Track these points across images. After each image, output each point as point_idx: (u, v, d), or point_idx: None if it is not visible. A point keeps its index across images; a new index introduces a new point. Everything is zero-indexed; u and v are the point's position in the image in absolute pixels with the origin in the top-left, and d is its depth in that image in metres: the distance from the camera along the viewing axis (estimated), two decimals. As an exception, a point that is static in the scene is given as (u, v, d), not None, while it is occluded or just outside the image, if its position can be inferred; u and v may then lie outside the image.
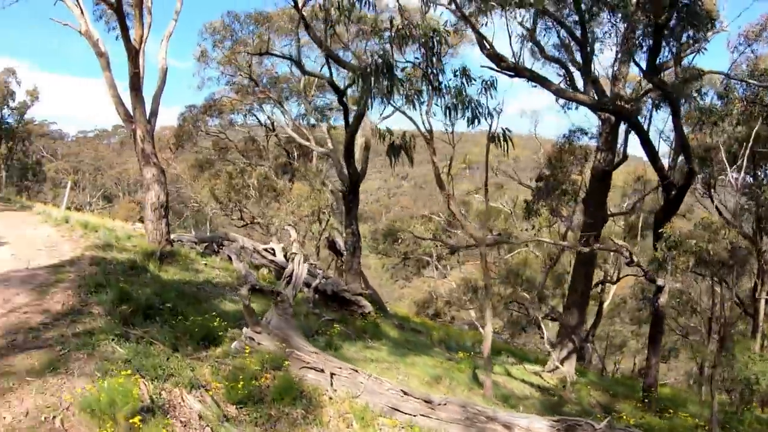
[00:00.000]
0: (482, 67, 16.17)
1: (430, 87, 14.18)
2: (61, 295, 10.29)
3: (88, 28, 19.18)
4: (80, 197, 61.53)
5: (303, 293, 20.67)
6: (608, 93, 19.49)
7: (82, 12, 19.45)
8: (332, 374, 9.29)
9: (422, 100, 14.27)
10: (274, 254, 22.80)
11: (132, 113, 18.67)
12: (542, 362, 23.46)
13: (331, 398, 8.86)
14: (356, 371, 9.52)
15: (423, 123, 14.55)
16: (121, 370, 7.34)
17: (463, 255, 50.18)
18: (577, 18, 19.43)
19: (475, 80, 13.96)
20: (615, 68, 21.11)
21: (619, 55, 20.70)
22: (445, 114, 13.92)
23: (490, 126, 14.22)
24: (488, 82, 14.01)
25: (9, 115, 52.33)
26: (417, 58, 14.57)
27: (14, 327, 8.52)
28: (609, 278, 35.86)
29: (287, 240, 25.22)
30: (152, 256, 15.76)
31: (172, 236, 20.64)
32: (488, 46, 15.96)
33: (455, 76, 13.94)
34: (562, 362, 21.21)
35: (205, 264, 18.78)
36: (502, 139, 14.04)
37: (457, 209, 16.74)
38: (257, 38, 30.04)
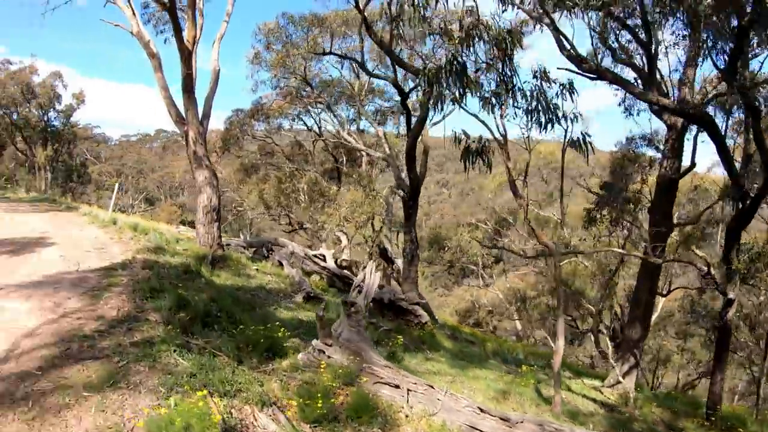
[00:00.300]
0: (559, 69, 15.27)
1: (504, 89, 13.29)
2: (116, 301, 9.63)
3: (139, 29, 18.99)
4: (123, 199, 61.81)
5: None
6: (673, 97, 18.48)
7: (133, 12, 19.34)
8: (408, 390, 8.48)
9: (497, 103, 13.41)
10: (324, 260, 22.12)
11: (184, 115, 18.34)
12: (595, 376, 22.48)
13: (407, 416, 8.08)
14: (432, 387, 8.70)
15: (497, 127, 13.77)
16: (187, 385, 6.68)
17: (508, 264, 49.37)
18: (640, 21, 18.40)
19: (554, 82, 13.08)
20: (681, 72, 20.02)
21: (686, 59, 19.61)
22: (528, 117, 13.00)
23: (566, 131, 13.36)
24: (566, 85, 13.11)
25: (55, 117, 53.03)
26: (490, 60, 13.70)
27: (67, 334, 7.86)
28: (659, 291, 34.41)
29: (337, 246, 24.66)
30: (204, 260, 15.24)
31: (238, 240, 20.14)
32: (568, 47, 15.03)
33: (534, 77, 13.06)
34: (623, 377, 20.20)
35: (257, 269, 18.21)
36: (582, 144, 13.08)
37: (522, 217, 15.76)
38: (311, 41, 29.36)
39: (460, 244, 41.95)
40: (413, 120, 23.92)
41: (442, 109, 12.96)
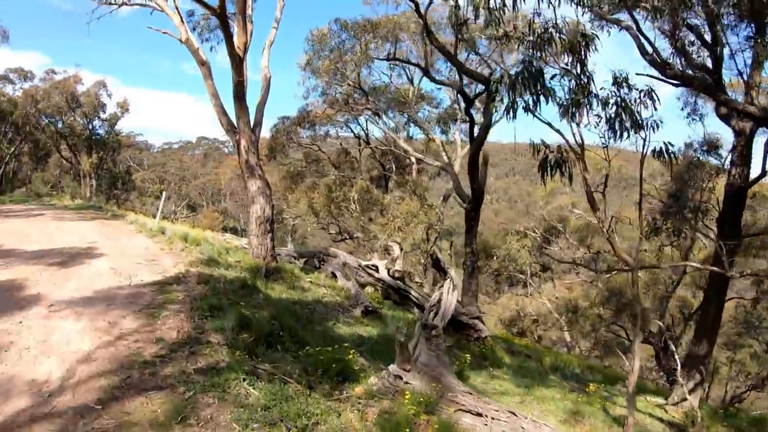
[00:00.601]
0: (638, 75, 14.40)
1: (581, 96, 12.43)
2: (174, 320, 8.94)
3: (188, 37, 18.71)
4: (166, 206, 62.03)
5: (411, 314, 19.33)
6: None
7: (182, 20, 19.12)
8: (491, 419, 7.84)
9: (576, 110, 12.56)
10: (377, 271, 21.37)
11: (235, 123, 17.88)
12: (655, 392, 21.63)
13: (492, 446, 7.33)
14: (514, 414, 8.09)
15: (574, 135, 12.89)
16: (262, 420, 6.04)
17: (555, 273, 48.16)
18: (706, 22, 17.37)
19: (634, 88, 12.21)
20: (747, 75, 18.84)
21: (752, 62, 18.43)
22: (609, 125, 12.11)
23: (645, 140, 12.47)
24: (647, 91, 12.23)
25: (100, 126, 53.41)
26: (565, 65, 12.86)
27: (126, 360, 7.18)
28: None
29: (389, 257, 23.87)
30: (258, 272, 14.53)
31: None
32: (650, 52, 14.13)
33: (614, 84, 12.20)
34: (688, 394, 19.23)
35: (310, 281, 17.61)
36: (665, 153, 12.15)
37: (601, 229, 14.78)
38: (363, 46, 28.62)
39: (509, 252, 40.90)
40: (476, 128, 22.81)
41: (515, 117, 12.09)
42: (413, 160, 34.32)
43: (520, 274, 44.97)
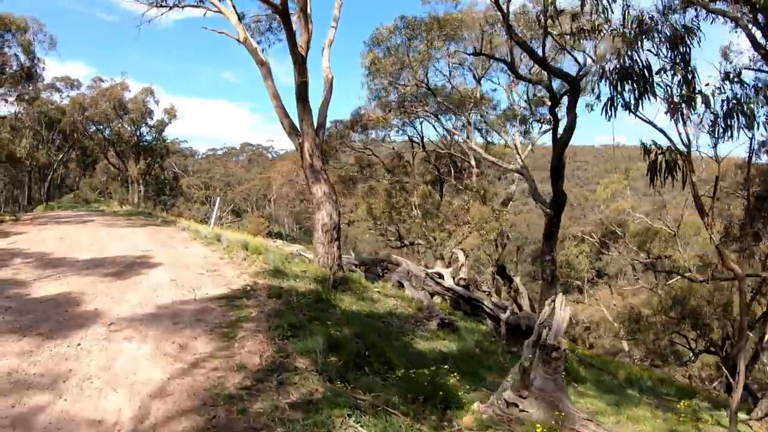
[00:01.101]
0: (747, 69, 13.08)
1: (689, 92, 11.13)
2: (253, 342, 7.80)
3: (246, 37, 17.98)
4: (213, 212, 61.71)
5: (485, 325, 18.17)
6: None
7: (239, 19, 18.49)
8: None
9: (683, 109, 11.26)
10: (441, 279, 20.13)
11: (299, 126, 16.92)
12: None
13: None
14: None
15: (680, 136, 11.60)
16: None
17: (610, 279, 46.42)
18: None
19: (746, 85, 10.89)
20: None
21: None
22: (719, 124, 10.81)
23: (752, 139, 11.26)
24: (762, 87, 10.93)
25: (147, 132, 53.28)
26: (666, 59, 11.57)
27: (208, 394, 6.01)
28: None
29: (454, 264, 22.65)
30: (326, 283, 13.36)
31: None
32: (765, 45, 12.79)
33: (726, 79, 10.89)
34: (771, 408, 17.95)
35: (378, 291, 16.45)
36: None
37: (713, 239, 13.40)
38: (427, 44, 27.32)
39: (567, 258, 39.40)
40: (559, 129, 21.20)
41: (615, 116, 10.83)
42: (473, 163, 33.01)
43: (576, 280, 43.58)
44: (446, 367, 8.72)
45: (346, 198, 37.48)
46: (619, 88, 10.76)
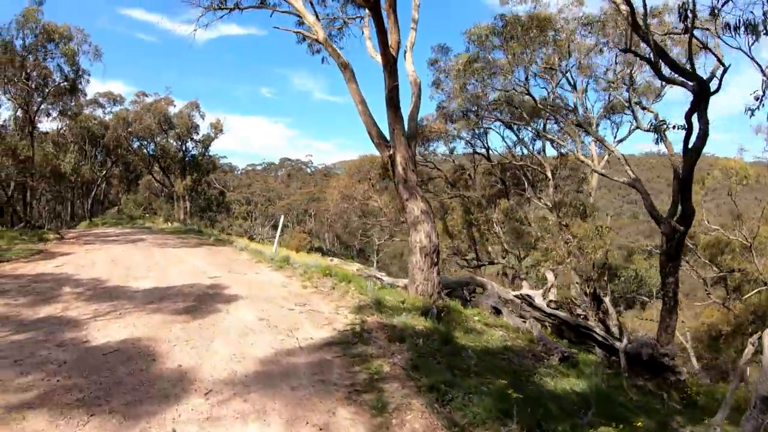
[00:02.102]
0: None
1: None
2: (412, 415, 5.67)
3: (325, 37, 16.55)
4: (254, 228, 61.08)
5: (594, 355, 15.86)
6: None
7: (317, 17, 17.42)
8: None
9: None
10: (533, 302, 17.78)
11: (389, 136, 14.97)
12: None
13: None
14: None
15: None
16: None
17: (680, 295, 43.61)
18: None
19: None
20: None
21: None
22: None
23: None
24: None
25: (193, 147, 51.68)
26: None
27: None
28: None
29: (545, 286, 20.31)
30: (427, 314, 11.06)
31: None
32: None
33: None
34: None
35: (477, 320, 14.10)
36: None
37: None
38: (527, 46, 24.87)
39: (637, 272, 36.70)
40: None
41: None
42: (548, 174, 30.42)
43: (645, 297, 40.87)
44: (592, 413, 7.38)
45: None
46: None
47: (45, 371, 6.47)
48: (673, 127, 17.28)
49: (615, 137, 31.03)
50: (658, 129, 17.97)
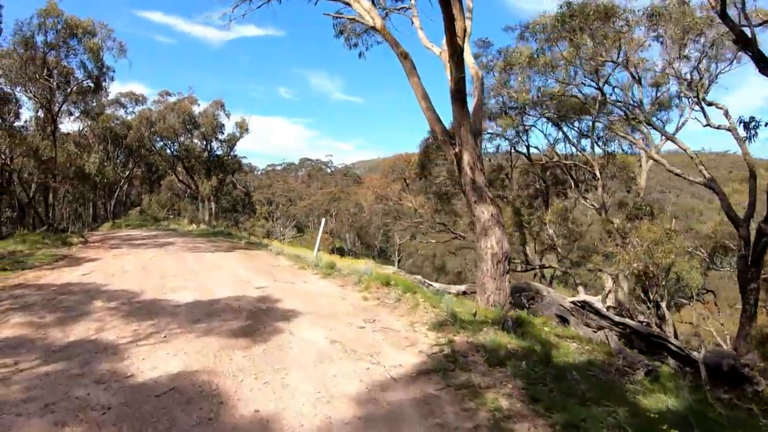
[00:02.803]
0: None
1: None
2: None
3: (383, 24, 15.39)
4: (275, 228, 60.11)
5: (667, 366, 14.32)
6: None
7: (373, 3, 16.18)
8: None
9: None
10: (597, 310, 16.46)
11: (456, 132, 13.56)
12: None
13: None
14: None
15: None
16: None
17: (716, 298, 42.19)
18: None
19: None
20: None
21: None
22: None
23: None
24: None
25: (218, 147, 50.35)
26: None
27: None
28: None
29: (603, 291, 19.04)
30: (503, 326, 9.96)
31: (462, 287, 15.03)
32: None
33: None
34: None
35: (548, 331, 12.66)
36: None
37: None
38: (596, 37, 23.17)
39: (679, 275, 35.13)
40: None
41: None
42: (597, 174, 28.77)
43: (684, 299, 39.29)
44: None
45: (448, 216, 33.78)
46: None
47: (86, 421, 5.08)
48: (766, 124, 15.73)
49: (661, 136, 29.54)
50: (748, 126, 16.36)
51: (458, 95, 13.17)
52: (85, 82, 34.02)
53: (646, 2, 23.15)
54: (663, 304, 24.82)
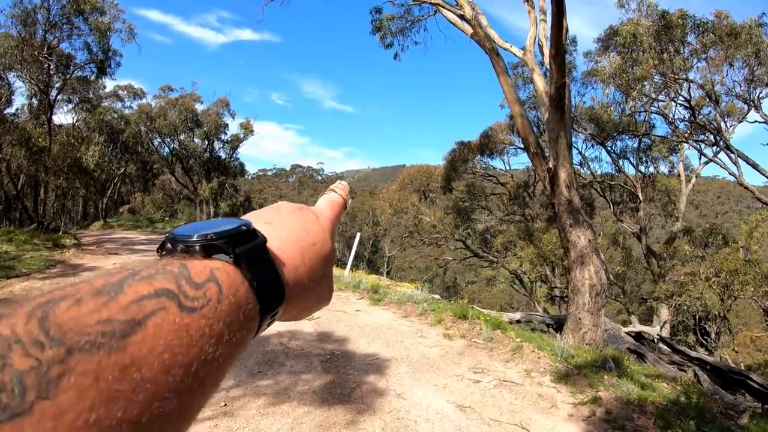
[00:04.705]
0: None
1: None
2: None
3: (473, 14, 13.50)
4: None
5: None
6: None
7: None
8: None
9: None
10: (671, 344, 15.64)
11: (551, 145, 11.88)
12: None
13: None
14: None
15: None
16: None
17: (731, 325, 40.95)
18: None
19: None
20: None
21: None
22: None
23: None
24: None
25: (220, 148, 48.07)
26: None
27: None
28: None
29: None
30: (605, 367, 8.55)
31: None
32: None
33: None
34: None
35: (637, 370, 10.91)
36: None
37: None
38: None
39: (701, 298, 33.96)
40: None
41: None
42: (639, 196, 27.07)
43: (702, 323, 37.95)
44: None
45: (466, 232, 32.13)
46: None
47: None
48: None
49: (699, 160, 27.97)
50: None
51: (559, 103, 11.38)
52: (87, 66, 31.31)
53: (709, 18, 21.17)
54: (713, 334, 23.42)
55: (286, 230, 0.67)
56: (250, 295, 0.53)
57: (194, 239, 0.54)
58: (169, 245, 0.56)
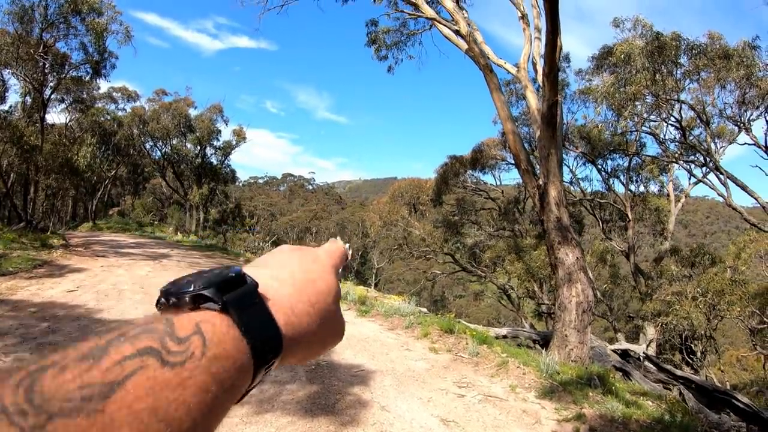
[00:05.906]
0: None
1: None
2: None
3: (468, 30, 13.66)
4: (255, 242, 58.45)
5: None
6: None
7: (458, 3, 14.73)
8: None
9: None
10: (656, 362, 15.73)
11: (542, 162, 12.03)
12: None
13: None
14: None
15: None
16: None
17: (717, 344, 41.19)
18: None
19: None
20: None
21: None
22: None
23: None
24: None
25: (212, 154, 48.01)
26: None
27: None
28: None
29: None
30: (590, 384, 8.55)
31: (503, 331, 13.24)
32: None
33: None
34: None
35: (621, 387, 10.94)
36: None
37: None
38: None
39: (688, 317, 34.25)
40: None
41: None
42: (629, 215, 27.33)
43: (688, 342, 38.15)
44: None
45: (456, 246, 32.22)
46: None
47: None
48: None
49: (689, 180, 28.21)
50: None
51: (551, 120, 11.49)
52: (83, 66, 31.28)
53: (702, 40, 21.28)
54: (698, 353, 23.56)
55: (283, 271, 0.67)
56: (239, 341, 0.54)
57: (183, 291, 0.56)
58: (163, 300, 0.57)
